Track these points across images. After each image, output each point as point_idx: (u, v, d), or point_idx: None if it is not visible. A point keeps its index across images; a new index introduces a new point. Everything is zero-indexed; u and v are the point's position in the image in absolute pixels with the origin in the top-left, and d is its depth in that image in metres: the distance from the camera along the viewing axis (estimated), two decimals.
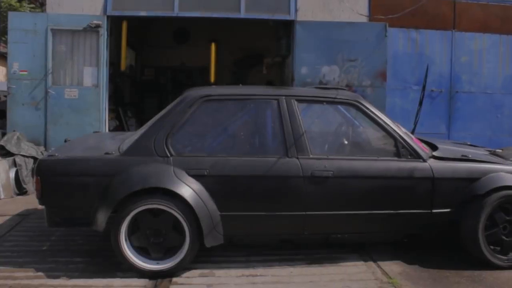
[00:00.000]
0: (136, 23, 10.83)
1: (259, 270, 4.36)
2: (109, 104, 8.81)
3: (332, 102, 4.54)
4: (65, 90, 8.24)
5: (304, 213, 4.30)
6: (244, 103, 4.47)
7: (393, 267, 4.46)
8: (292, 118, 4.39)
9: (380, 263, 4.55)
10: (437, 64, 8.53)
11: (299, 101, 4.47)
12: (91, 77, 8.24)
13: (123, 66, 10.52)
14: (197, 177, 4.20)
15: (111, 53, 9.10)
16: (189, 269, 4.33)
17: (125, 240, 4.20)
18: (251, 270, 4.36)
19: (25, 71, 8.20)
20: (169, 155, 4.26)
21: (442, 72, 8.57)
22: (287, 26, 8.69)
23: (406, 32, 8.49)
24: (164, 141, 4.28)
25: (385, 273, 4.34)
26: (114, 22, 9.18)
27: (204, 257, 4.52)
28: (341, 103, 4.56)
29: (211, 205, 4.20)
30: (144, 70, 13.20)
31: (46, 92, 8.14)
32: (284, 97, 4.46)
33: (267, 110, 4.47)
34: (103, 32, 8.23)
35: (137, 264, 4.20)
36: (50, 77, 8.20)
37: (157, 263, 4.24)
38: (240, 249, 4.73)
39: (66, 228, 5.07)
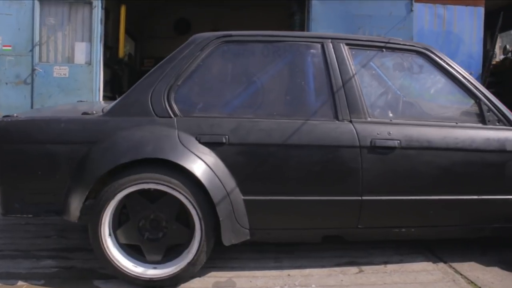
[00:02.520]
0: (135, 12, 9.40)
1: (297, 279, 2.83)
2: (105, 90, 7.34)
3: (395, 49, 3.03)
4: (54, 67, 6.70)
5: (359, 198, 2.79)
6: (276, 47, 2.95)
7: (477, 273, 2.95)
8: (343, 68, 2.89)
9: (455, 266, 3.04)
10: (466, 44, 7.05)
11: (351, 46, 2.96)
12: (83, 53, 6.70)
13: (121, 53, 8.98)
14: (212, 145, 2.69)
15: (108, 38, 7.67)
16: (198, 275, 2.79)
17: (109, 234, 2.68)
18: (287, 280, 2.84)
19: (9, 46, 6.67)
20: (172, 115, 2.73)
21: (472, 53, 7.09)
22: (302, 1, 7.19)
23: (432, 8, 7.02)
24: (166, 96, 2.75)
25: (470, 282, 2.82)
26: (112, 6, 7.72)
27: (218, 259, 2.99)
28: (407, 50, 3.05)
29: (232, 186, 2.68)
30: (143, 60, 11.66)
31: (33, 70, 6.62)
32: (330, 40, 2.95)
33: (307, 57, 2.97)
34: (97, 3, 6.69)
35: (124, 268, 2.66)
36: (37, 53, 6.67)
37: (154, 267, 2.71)
38: (264, 248, 3.20)
39: (27, 218, 3.50)
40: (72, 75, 6.70)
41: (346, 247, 3.26)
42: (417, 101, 3.12)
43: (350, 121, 2.84)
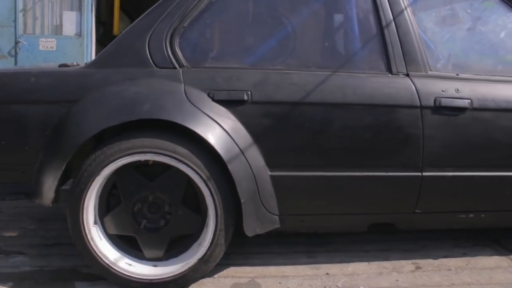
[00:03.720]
0: None
1: (340, 280, 2.18)
2: None
3: None
4: (40, 40, 5.99)
5: (419, 174, 2.11)
6: None
7: None
8: (396, 8, 2.20)
9: None
10: None
11: None
12: (72, 24, 6.00)
13: (115, 29, 8.24)
14: (230, 104, 2.02)
15: (101, 12, 6.92)
16: (212, 274, 2.13)
17: (94, 223, 2.00)
18: (326, 280, 2.18)
19: None
20: (176, 65, 2.05)
21: None
22: None
23: None
24: (168, 41, 2.07)
25: None
26: None
27: (236, 254, 2.33)
28: None
29: (256, 157, 2.01)
30: None
31: (16, 43, 5.92)
32: None
33: None
34: None
35: (115, 267, 2.00)
36: (20, 24, 5.93)
37: (154, 265, 2.04)
38: (292, 240, 2.54)
39: None
40: (60, 49, 5.99)
41: (390, 239, 2.60)
42: (491, 50, 2.43)
43: (407, 75, 2.16)
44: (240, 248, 2.34)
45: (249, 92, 2.02)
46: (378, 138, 2.11)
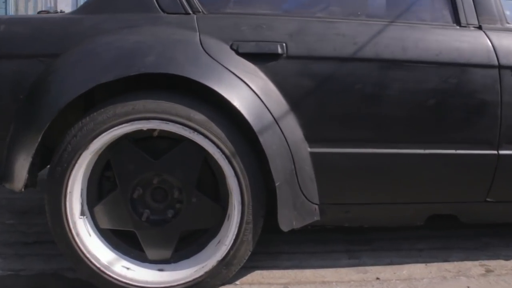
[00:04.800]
0: None
1: (394, 285, 1.66)
2: None
3: None
4: None
5: (495, 152, 1.62)
6: None
7: None
8: None
9: None
10: None
11: None
12: (68, 6, 5.46)
13: None
14: (260, 59, 1.52)
15: None
16: (233, 280, 1.62)
17: (81, 214, 1.49)
18: (379, 286, 1.66)
19: None
20: (189, 9, 1.55)
21: None
22: None
23: None
24: None
25: None
26: None
27: (261, 254, 1.81)
28: None
29: (292, 128, 1.51)
30: None
31: None
32: None
33: None
34: None
35: (108, 272, 1.50)
36: (12, 5, 5.38)
37: (160, 270, 1.54)
38: (327, 236, 2.03)
39: None
40: None
41: (444, 235, 2.10)
42: None
43: (479, 27, 1.67)
44: (265, 246, 1.83)
45: (284, 44, 1.52)
46: (444, 106, 1.61)
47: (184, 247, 1.58)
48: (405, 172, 1.63)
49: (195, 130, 1.41)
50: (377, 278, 1.72)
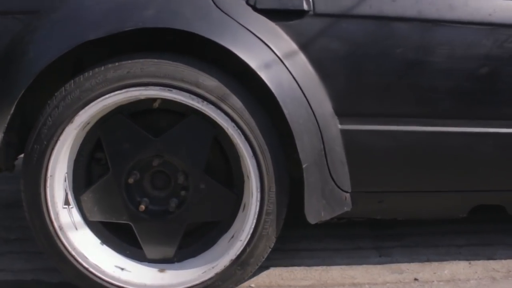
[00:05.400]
0: None
1: (439, 287, 1.37)
2: None
3: None
4: None
5: None
6: None
7: None
8: None
9: None
10: None
11: None
12: None
13: None
14: (281, 16, 1.22)
15: None
16: (246, 281, 1.33)
17: (65, 203, 1.19)
18: None
19: None
20: None
21: None
22: None
23: None
24: None
25: None
26: None
27: (277, 252, 1.51)
28: None
29: (321, 101, 1.23)
30: None
31: None
32: None
33: None
34: None
35: (98, 273, 1.19)
36: None
37: (161, 270, 1.27)
38: (350, 231, 1.75)
39: None
40: None
41: (480, 230, 1.82)
42: None
43: None
44: (281, 242, 1.54)
45: (311, 0, 1.24)
46: (497, 76, 1.34)
47: (190, 243, 1.31)
48: (452, 154, 1.35)
49: (204, 99, 1.14)
50: (416, 279, 1.45)
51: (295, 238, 1.65)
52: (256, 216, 1.19)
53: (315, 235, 1.69)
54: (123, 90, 1.12)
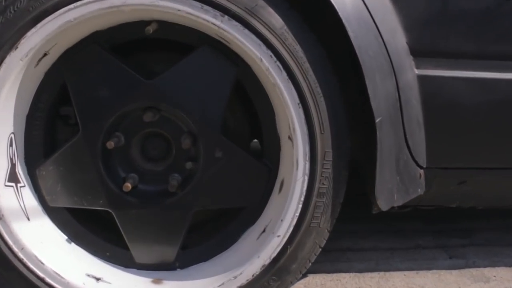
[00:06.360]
0: None
1: None
2: None
3: None
4: None
5: None
6: None
7: None
8: None
9: None
10: None
11: None
12: None
13: None
14: None
15: None
16: None
17: (9, 179, 0.75)
18: None
19: None
20: None
21: None
22: None
23: None
24: None
25: None
26: None
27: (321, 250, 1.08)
28: None
29: (393, 29, 0.78)
30: None
31: None
32: None
33: None
34: None
35: (60, 285, 0.73)
36: None
37: (156, 281, 0.79)
38: (399, 223, 1.31)
39: None
40: None
41: None
42: None
43: None
44: None
45: None
46: None
47: (198, 241, 0.88)
48: None
49: (225, 12, 0.71)
50: None
51: (333, 234, 1.22)
52: (302, 199, 0.76)
53: (358, 230, 1.26)
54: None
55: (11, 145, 0.79)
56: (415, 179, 0.91)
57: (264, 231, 0.81)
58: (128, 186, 0.80)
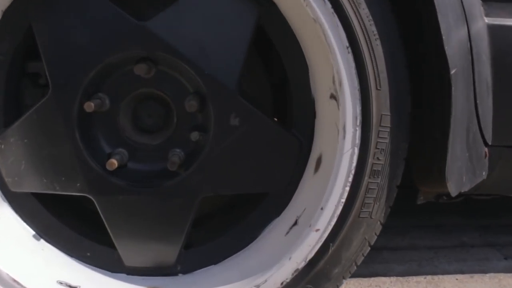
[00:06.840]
0: None
1: None
2: None
3: None
4: None
5: None
6: None
7: None
8: None
9: None
10: None
11: None
12: None
13: None
14: None
15: None
16: None
17: None
18: None
19: None
20: None
21: None
22: None
23: None
24: None
25: None
26: None
27: None
28: None
29: None
30: None
31: None
32: None
33: None
34: None
35: None
36: None
37: None
38: (435, 218, 1.10)
39: None
40: None
41: None
42: None
43: None
44: None
45: None
46: None
47: (206, 238, 0.67)
48: None
49: None
50: None
51: None
52: (350, 179, 0.55)
53: (391, 225, 1.05)
54: None
55: None
56: (481, 159, 0.71)
57: (295, 223, 0.61)
58: (113, 163, 0.59)
